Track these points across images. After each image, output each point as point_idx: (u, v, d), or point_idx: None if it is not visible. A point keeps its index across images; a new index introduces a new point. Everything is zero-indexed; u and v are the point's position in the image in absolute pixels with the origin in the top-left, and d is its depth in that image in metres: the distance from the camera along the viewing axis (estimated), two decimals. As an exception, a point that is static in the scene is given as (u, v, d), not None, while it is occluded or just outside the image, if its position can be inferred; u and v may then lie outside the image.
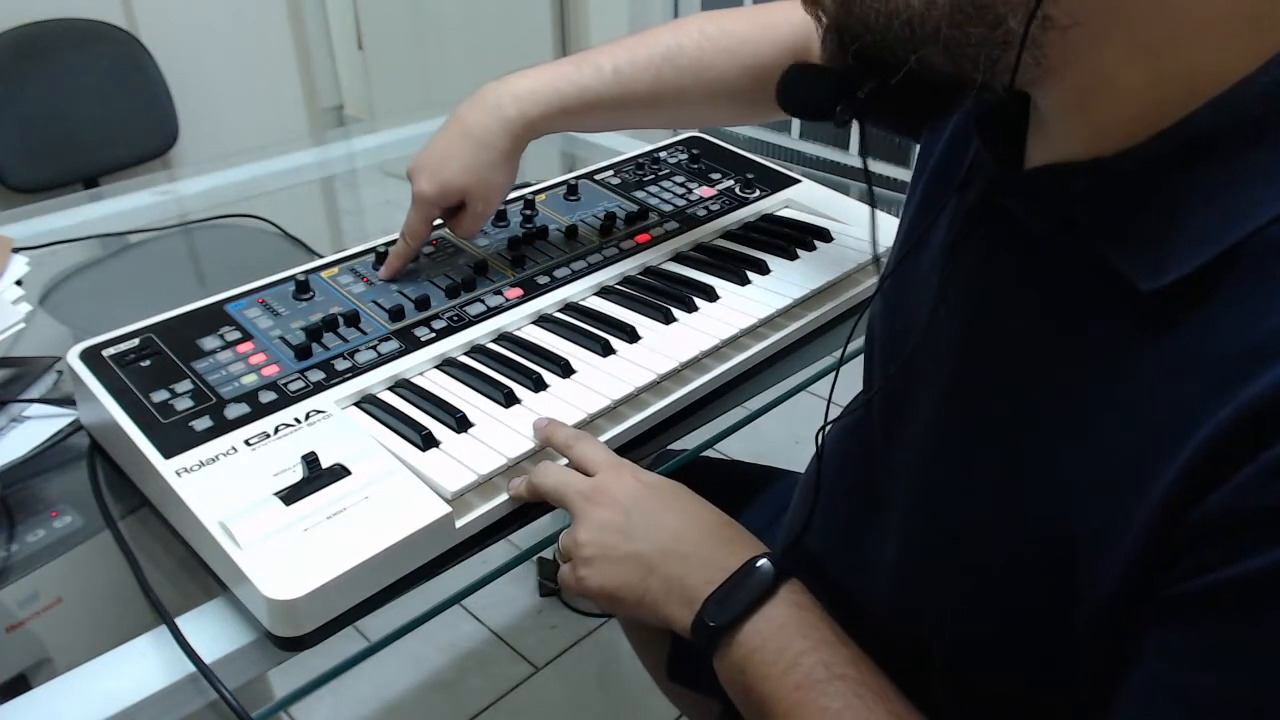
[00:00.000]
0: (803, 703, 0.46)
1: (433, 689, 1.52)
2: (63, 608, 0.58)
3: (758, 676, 0.48)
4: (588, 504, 0.56)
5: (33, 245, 0.99)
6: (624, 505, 0.56)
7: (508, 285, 0.77)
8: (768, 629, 0.49)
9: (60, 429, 0.70)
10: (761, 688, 0.48)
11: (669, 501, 0.57)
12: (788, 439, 1.48)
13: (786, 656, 0.48)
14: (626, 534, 0.54)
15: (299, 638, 0.51)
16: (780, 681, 0.47)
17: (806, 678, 0.47)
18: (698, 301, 0.77)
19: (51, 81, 1.91)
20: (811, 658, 0.48)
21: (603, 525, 0.55)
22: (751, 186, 0.96)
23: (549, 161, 1.33)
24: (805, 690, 0.47)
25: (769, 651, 0.48)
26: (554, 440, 0.61)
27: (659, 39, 0.77)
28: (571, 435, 0.61)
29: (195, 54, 2.14)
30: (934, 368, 0.50)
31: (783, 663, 0.48)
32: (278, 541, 0.52)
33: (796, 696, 0.47)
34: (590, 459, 0.59)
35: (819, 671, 0.47)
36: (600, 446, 0.60)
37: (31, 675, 0.52)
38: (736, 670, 0.50)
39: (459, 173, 0.74)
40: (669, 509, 0.56)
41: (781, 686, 0.47)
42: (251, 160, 1.26)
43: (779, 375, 0.76)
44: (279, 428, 0.60)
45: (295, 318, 0.71)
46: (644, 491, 0.57)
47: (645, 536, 0.54)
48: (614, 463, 0.59)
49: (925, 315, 0.51)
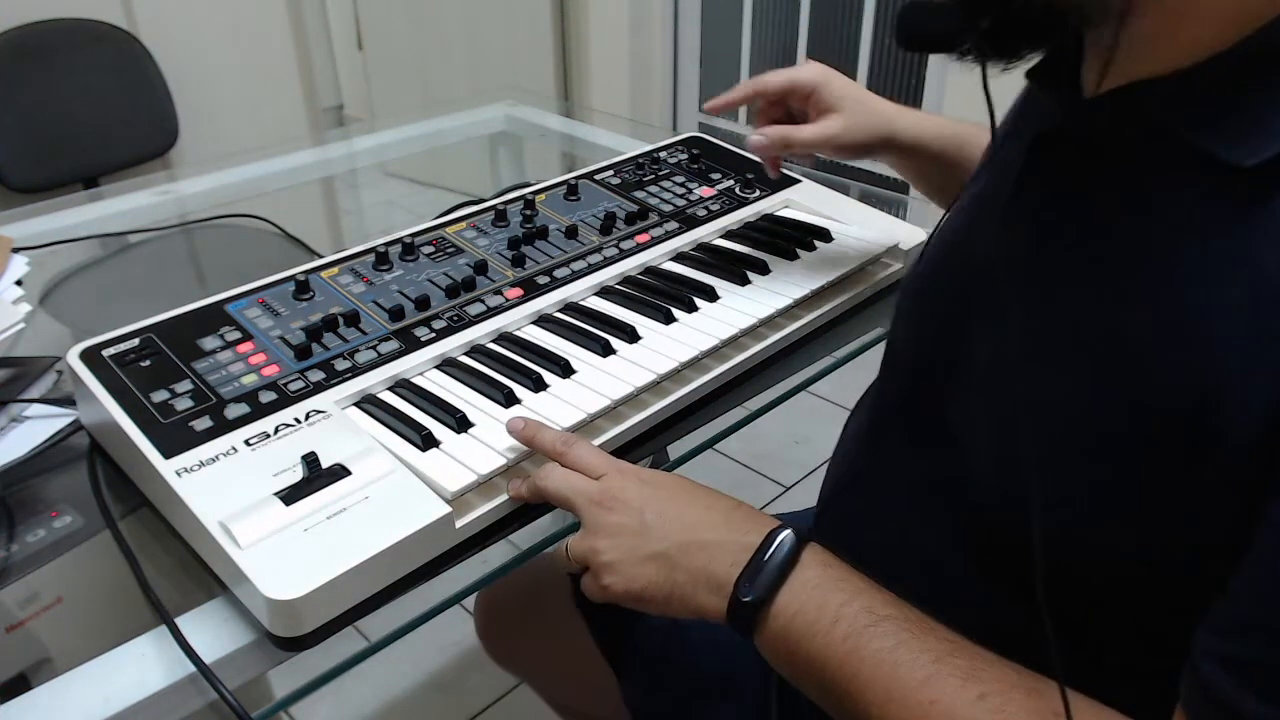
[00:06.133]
0: (855, 650, 0.47)
1: (433, 689, 1.52)
2: (63, 608, 0.58)
3: (804, 638, 0.49)
4: (598, 510, 0.56)
5: (33, 245, 0.99)
6: (635, 507, 0.56)
7: (508, 285, 0.77)
8: (803, 592, 0.50)
9: (60, 429, 0.70)
10: (809, 648, 0.49)
11: (678, 495, 0.57)
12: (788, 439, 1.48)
13: (828, 612, 0.48)
14: (644, 535, 0.55)
15: (299, 638, 0.51)
16: (828, 637, 0.48)
17: (852, 626, 0.47)
18: (698, 301, 0.77)
19: (51, 81, 1.91)
20: (853, 606, 0.48)
21: (618, 530, 0.55)
22: (751, 186, 0.96)
23: (549, 161, 1.33)
24: (855, 638, 0.47)
25: (809, 613, 0.49)
26: (541, 445, 0.60)
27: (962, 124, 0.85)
28: (560, 439, 0.60)
29: (195, 54, 2.14)
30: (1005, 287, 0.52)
31: (825, 619, 0.48)
32: (278, 541, 0.52)
33: (848, 646, 0.47)
34: (589, 463, 0.59)
35: (863, 618, 0.48)
36: (594, 449, 0.60)
37: (31, 675, 0.52)
38: (780, 640, 0.50)
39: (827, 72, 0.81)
40: (679, 502, 0.56)
41: (830, 641, 0.48)
42: (251, 160, 1.26)
43: (779, 375, 0.76)
44: (279, 428, 0.60)
45: (295, 318, 0.71)
46: (651, 490, 0.57)
47: (663, 534, 0.54)
48: (615, 465, 0.59)
49: (987, 247, 0.54)
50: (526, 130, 1.43)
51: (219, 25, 2.18)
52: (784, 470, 1.94)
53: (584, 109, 2.55)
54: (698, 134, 1.06)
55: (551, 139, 1.41)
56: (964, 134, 0.83)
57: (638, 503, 0.56)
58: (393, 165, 1.39)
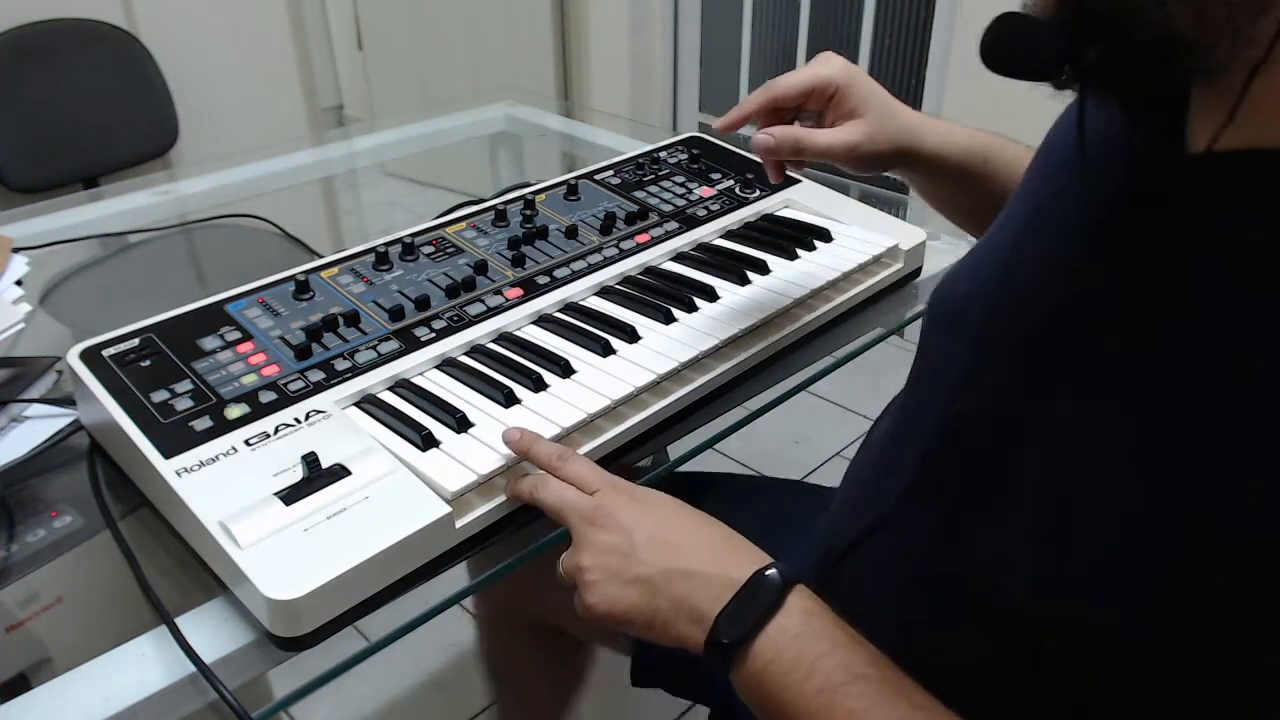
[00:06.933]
0: (827, 706, 0.46)
1: (433, 689, 1.52)
2: (63, 608, 0.58)
3: (778, 686, 0.48)
4: (589, 527, 0.55)
5: (33, 245, 0.99)
6: (625, 526, 0.54)
7: (508, 285, 0.77)
8: (781, 639, 0.48)
9: (60, 429, 0.70)
10: (782, 697, 0.48)
11: (670, 519, 0.56)
12: (788, 439, 1.48)
13: (804, 663, 0.47)
14: (630, 556, 0.53)
15: (299, 638, 0.51)
16: (801, 689, 0.47)
17: (827, 682, 0.46)
18: (698, 301, 0.77)
19: (51, 81, 1.91)
20: (830, 661, 0.47)
21: (606, 549, 0.54)
22: (751, 186, 0.96)
23: (549, 161, 1.33)
24: (828, 694, 0.46)
25: (786, 661, 0.48)
26: (536, 457, 0.59)
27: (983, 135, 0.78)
28: (556, 453, 0.59)
29: (195, 54, 2.14)
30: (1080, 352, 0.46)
31: (801, 670, 0.47)
32: (278, 541, 0.52)
33: (819, 701, 0.46)
34: (583, 478, 0.57)
35: (839, 674, 0.46)
36: (590, 464, 0.59)
37: (31, 675, 0.53)
38: (755, 682, 0.49)
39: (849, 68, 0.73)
40: (670, 526, 0.55)
41: (803, 694, 0.47)
42: (251, 160, 1.26)
43: (779, 375, 0.76)
44: (279, 428, 0.60)
45: (295, 318, 0.71)
46: (643, 511, 0.55)
47: (649, 557, 0.53)
48: (610, 481, 0.57)
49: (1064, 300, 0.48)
50: (526, 130, 1.43)
51: (219, 25, 2.18)
52: (784, 470, 1.94)
53: (584, 109, 2.56)
54: (698, 134, 1.06)
55: (551, 139, 1.41)
56: (988, 146, 0.76)
57: (628, 522, 0.54)
58: (393, 165, 1.39)
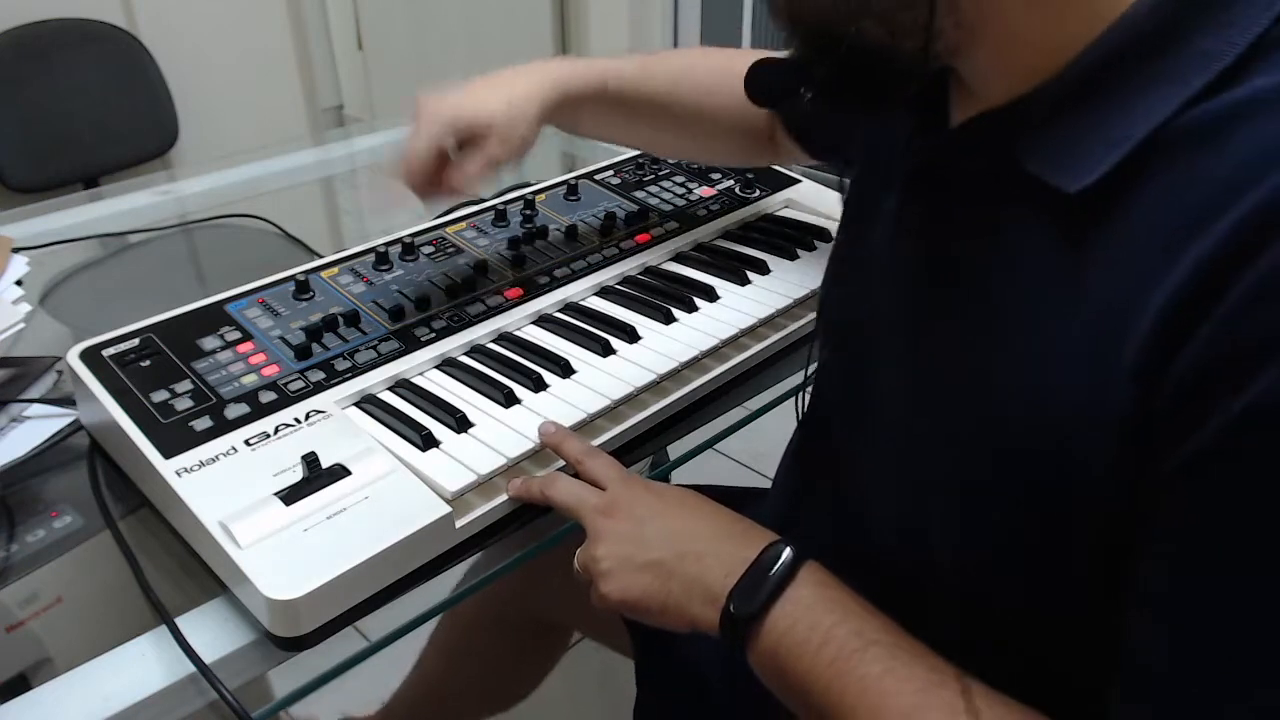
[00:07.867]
0: (842, 674, 0.46)
1: (433, 689, 1.52)
2: (63, 608, 0.58)
3: (792, 657, 0.48)
4: (602, 518, 0.56)
5: (33, 245, 0.99)
6: (637, 515, 0.56)
7: (508, 285, 0.77)
8: (795, 610, 0.49)
9: (60, 429, 0.70)
10: (797, 667, 0.48)
11: (681, 507, 0.57)
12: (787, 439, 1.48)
13: (818, 633, 0.48)
14: (642, 543, 0.55)
15: (299, 638, 0.51)
16: (816, 658, 0.47)
17: (841, 649, 0.47)
18: (698, 301, 0.77)
19: (51, 81, 1.91)
20: (843, 629, 0.48)
21: (618, 537, 0.55)
22: (751, 186, 0.96)
23: (549, 161, 1.33)
24: (842, 661, 0.47)
25: (799, 631, 0.48)
26: (566, 453, 0.61)
27: (674, 57, 0.82)
28: (583, 451, 0.61)
29: (195, 54, 2.14)
30: (890, 334, 0.53)
31: (815, 639, 0.48)
32: (278, 541, 0.52)
33: (834, 669, 0.47)
34: (601, 475, 0.59)
35: (853, 641, 0.47)
36: (613, 463, 0.60)
37: (31, 675, 0.53)
38: (770, 657, 0.50)
39: (490, 100, 0.71)
40: (681, 514, 0.56)
41: (818, 663, 0.47)
42: (251, 160, 1.26)
43: (779, 375, 0.76)
44: (279, 428, 0.60)
45: (295, 318, 0.71)
46: (656, 500, 0.57)
47: (661, 543, 0.54)
48: (624, 476, 0.59)
49: (877, 282, 0.54)
50: (526, 130, 1.43)
51: (219, 25, 2.18)
52: (784, 470, 1.93)
53: (584, 109, 2.55)
54: (698, 134, 1.06)
55: (551, 139, 1.41)
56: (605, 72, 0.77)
57: (640, 511, 0.56)
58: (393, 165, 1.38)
